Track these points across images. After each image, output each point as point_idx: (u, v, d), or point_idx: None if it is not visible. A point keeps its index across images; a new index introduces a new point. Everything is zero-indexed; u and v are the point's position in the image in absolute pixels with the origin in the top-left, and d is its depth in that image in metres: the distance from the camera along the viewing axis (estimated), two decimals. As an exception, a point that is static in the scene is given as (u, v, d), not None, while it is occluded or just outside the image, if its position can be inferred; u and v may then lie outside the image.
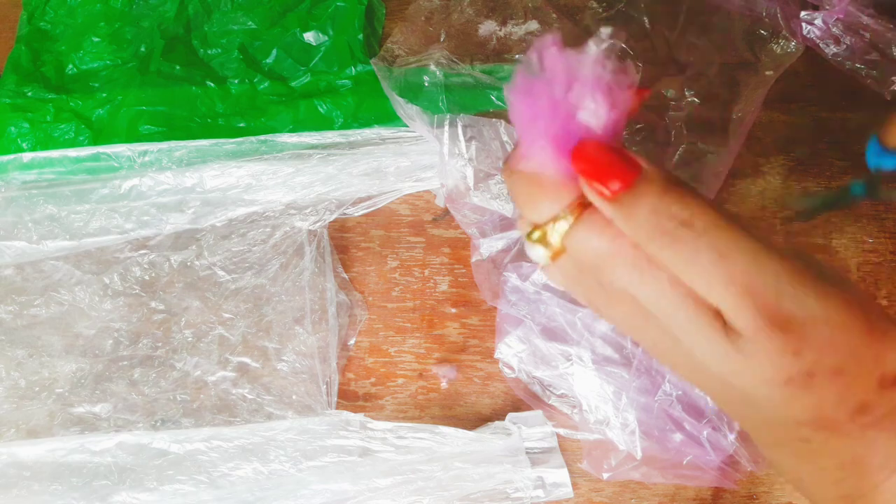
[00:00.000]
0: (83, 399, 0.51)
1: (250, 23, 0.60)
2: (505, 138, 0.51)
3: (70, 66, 0.60)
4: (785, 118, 0.54)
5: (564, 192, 0.25)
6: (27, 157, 0.57)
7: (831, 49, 0.54)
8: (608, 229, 0.25)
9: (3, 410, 0.51)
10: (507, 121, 0.52)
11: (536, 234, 0.26)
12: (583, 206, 0.25)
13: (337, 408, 0.49)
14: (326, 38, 0.59)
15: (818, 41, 0.54)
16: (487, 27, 0.58)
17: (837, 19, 0.53)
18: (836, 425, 0.24)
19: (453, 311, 0.52)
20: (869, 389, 0.24)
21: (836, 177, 0.52)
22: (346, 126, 0.56)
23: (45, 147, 0.57)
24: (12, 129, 0.57)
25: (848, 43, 0.53)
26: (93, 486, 0.47)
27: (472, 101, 0.55)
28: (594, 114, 0.24)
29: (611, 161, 0.24)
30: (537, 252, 0.26)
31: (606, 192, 0.24)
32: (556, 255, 0.26)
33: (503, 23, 0.58)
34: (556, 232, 0.25)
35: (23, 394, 0.51)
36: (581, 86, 0.24)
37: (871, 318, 0.24)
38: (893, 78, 0.53)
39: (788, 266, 0.23)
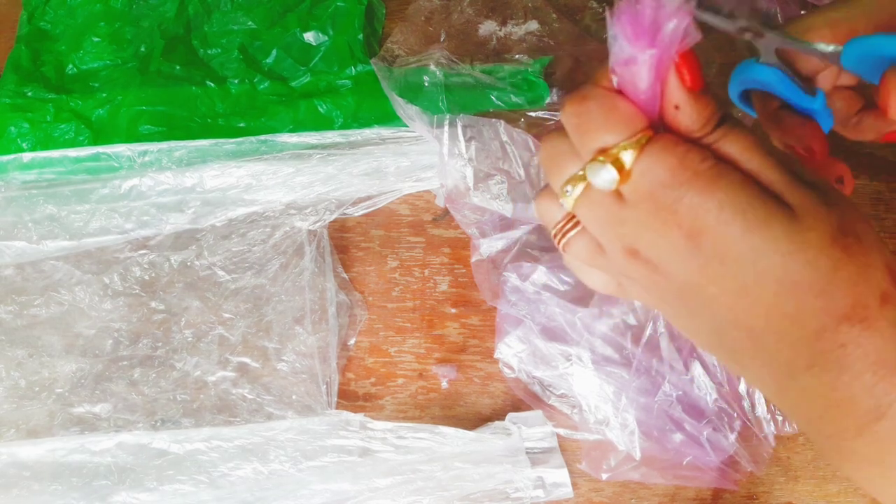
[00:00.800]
0: (83, 399, 0.51)
1: (250, 23, 0.60)
2: (504, 138, 0.51)
3: (70, 65, 0.60)
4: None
5: (639, 118, 0.27)
6: (27, 156, 0.57)
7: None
8: (679, 147, 0.27)
9: (4, 410, 0.51)
10: (507, 121, 0.52)
11: (602, 159, 0.27)
12: (650, 135, 0.27)
13: (337, 408, 0.49)
14: (326, 38, 0.59)
15: (818, 41, 0.54)
16: (487, 27, 0.58)
17: (837, 19, 0.53)
18: (868, 315, 0.26)
19: (453, 311, 0.52)
20: (885, 277, 0.27)
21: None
22: (346, 126, 0.56)
23: (45, 147, 0.57)
24: (12, 128, 0.57)
25: (848, 43, 0.53)
26: (93, 486, 0.47)
27: (472, 101, 0.55)
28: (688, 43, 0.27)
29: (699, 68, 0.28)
30: (607, 174, 0.27)
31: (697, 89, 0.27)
32: (624, 179, 0.27)
33: (503, 23, 0.58)
34: (628, 153, 0.27)
35: (23, 394, 0.51)
36: (681, 19, 0.26)
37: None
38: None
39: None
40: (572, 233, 0.31)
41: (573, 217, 0.31)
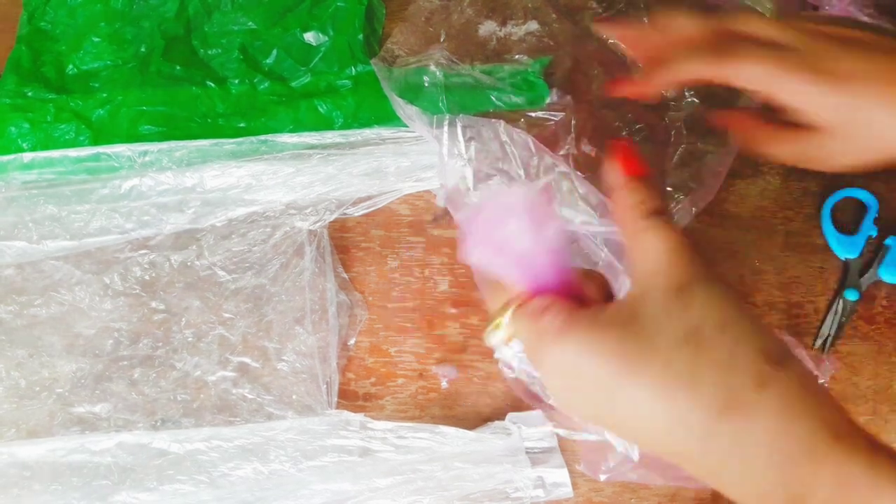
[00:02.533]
0: (83, 399, 0.51)
1: (250, 23, 0.60)
2: (504, 138, 0.51)
3: (70, 66, 0.60)
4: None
5: (508, 289, 0.33)
6: (28, 157, 0.57)
7: (831, 49, 0.54)
8: (537, 309, 0.31)
9: (4, 410, 0.51)
10: (507, 121, 0.52)
11: (493, 323, 0.33)
12: (521, 301, 0.32)
13: (337, 408, 0.50)
14: (326, 38, 0.59)
15: (818, 42, 0.54)
16: (487, 27, 0.58)
17: (837, 20, 0.53)
18: (745, 402, 0.27)
19: (453, 311, 0.52)
20: (755, 360, 0.27)
21: (835, 177, 0.52)
22: (346, 126, 0.56)
23: (46, 147, 0.57)
24: (13, 129, 0.57)
25: (847, 43, 0.53)
26: (93, 485, 0.47)
27: (472, 102, 0.55)
28: (531, 232, 0.31)
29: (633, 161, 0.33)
30: (497, 336, 0.33)
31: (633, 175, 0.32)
32: (509, 339, 0.33)
33: (503, 23, 0.58)
34: (505, 319, 0.32)
35: (23, 394, 0.51)
36: (519, 217, 0.30)
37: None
38: (893, 78, 0.53)
39: None
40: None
41: None
